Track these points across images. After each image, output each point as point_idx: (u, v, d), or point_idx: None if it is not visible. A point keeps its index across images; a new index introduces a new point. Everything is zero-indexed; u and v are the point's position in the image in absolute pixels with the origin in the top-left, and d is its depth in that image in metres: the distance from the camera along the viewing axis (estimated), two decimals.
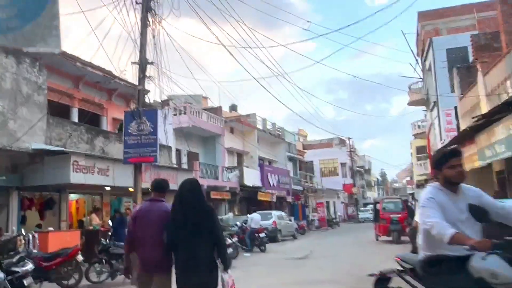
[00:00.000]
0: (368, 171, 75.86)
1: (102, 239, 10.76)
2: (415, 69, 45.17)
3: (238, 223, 19.82)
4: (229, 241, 12.53)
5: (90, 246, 12.38)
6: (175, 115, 23.07)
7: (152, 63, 10.59)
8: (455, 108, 25.00)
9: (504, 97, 13.09)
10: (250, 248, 17.15)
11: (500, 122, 11.35)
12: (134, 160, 10.06)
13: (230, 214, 20.09)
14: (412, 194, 44.35)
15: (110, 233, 11.77)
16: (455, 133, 25.59)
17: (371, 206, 57.66)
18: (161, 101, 24.79)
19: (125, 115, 10.55)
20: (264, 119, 32.02)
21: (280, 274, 10.57)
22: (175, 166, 18.81)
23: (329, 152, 56.91)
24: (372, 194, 76.00)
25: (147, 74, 10.48)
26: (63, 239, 12.65)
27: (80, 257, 10.07)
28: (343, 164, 56.94)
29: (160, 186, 4.66)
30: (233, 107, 36.44)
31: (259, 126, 30.89)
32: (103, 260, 10.30)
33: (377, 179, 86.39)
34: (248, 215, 20.97)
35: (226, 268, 4.16)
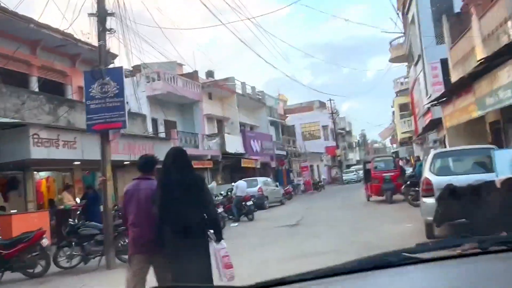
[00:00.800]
0: (349, 133, 75.50)
1: (70, 219, 9.47)
2: (396, 24, 44.01)
3: (223, 192, 18.74)
4: None
5: (61, 227, 11.14)
6: (148, 82, 21.46)
7: (112, 14, 9.06)
8: (441, 60, 24.06)
9: (505, 40, 12.03)
10: (237, 218, 16.11)
11: (506, 65, 10.28)
12: (99, 127, 8.66)
13: (214, 184, 18.93)
14: (396, 152, 44.04)
15: (78, 212, 10.50)
16: (441, 87, 24.74)
17: (355, 167, 57.65)
18: (132, 67, 23.11)
19: (84, 76, 9.05)
20: (243, 83, 30.50)
21: (273, 245, 9.53)
22: (151, 135, 17.42)
23: (310, 115, 55.98)
24: (354, 156, 75.96)
25: (108, 27, 8.96)
26: (30, 222, 11.28)
27: (45, 241, 8.80)
28: (324, 127, 56.19)
29: (146, 165, 4.46)
30: (210, 73, 34.71)
31: (238, 90, 29.44)
32: (73, 243, 9.05)
33: (358, 140, 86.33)
34: (232, 183, 19.88)
35: (218, 239, 3.96)
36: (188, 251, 3.81)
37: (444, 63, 23.77)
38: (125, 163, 16.12)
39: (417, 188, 14.07)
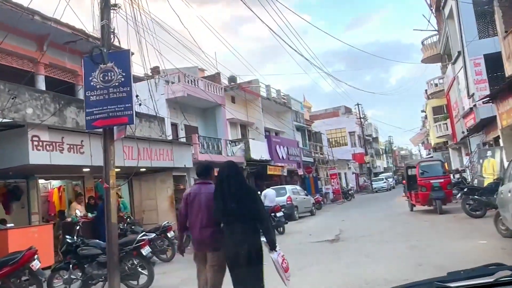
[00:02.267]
0: (375, 140, 72.84)
1: (67, 236, 7.82)
2: (429, 21, 41.60)
3: None
4: None
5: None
6: (167, 84, 19.95)
7: None
8: (485, 56, 21.93)
9: None
10: None
11: None
12: (101, 123, 7.03)
13: None
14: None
15: (77, 227, 8.87)
16: (486, 85, 22.53)
17: (385, 175, 54.97)
18: (150, 68, 21.71)
19: (84, 62, 7.45)
20: (268, 85, 28.75)
21: (316, 268, 7.65)
22: (169, 139, 15.81)
23: (336, 121, 53.90)
24: (381, 163, 73.23)
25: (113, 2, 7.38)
26: (30, 237, 9.77)
27: (36, 263, 7.16)
28: (351, 133, 53.99)
29: (205, 171, 4.94)
30: (232, 79, 33.09)
31: (263, 94, 27.72)
32: (71, 265, 7.40)
33: (385, 147, 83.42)
34: (258, 192, 18.07)
35: (272, 248, 4.18)
36: (243, 256, 4.06)
37: (488, 58, 21.62)
38: (142, 170, 14.57)
39: (476, 196, 12.04)
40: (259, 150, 24.16)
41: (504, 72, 22.80)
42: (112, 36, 7.51)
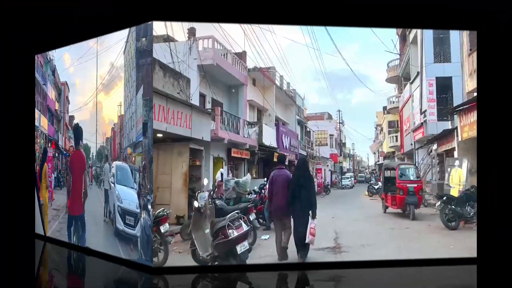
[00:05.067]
0: (344, 144, 70.71)
1: None
2: (395, 46, 38.95)
3: (256, 188, 12.62)
4: (244, 227, 5.89)
5: None
6: (201, 49, 16.20)
7: None
8: (437, 78, 20.46)
9: None
10: (268, 224, 9.77)
11: None
12: None
13: (248, 176, 13.10)
14: (381, 164, 39.37)
15: None
16: (434, 103, 21.33)
17: (350, 174, 52.75)
18: (187, 29, 18.04)
19: None
20: (281, 76, 25.20)
21: None
22: (191, 103, 12.12)
23: (321, 124, 51.22)
24: (346, 164, 71.27)
25: None
26: None
27: None
28: (331, 136, 51.40)
29: (282, 160, 6.67)
30: (254, 68, 29.14)
31: (277, 82, 24.29)
32: None
33: (349, 151, 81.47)
34: (265, 178, 14.36)
35: (313, 216, 5.65)
36: (304, 212, 5.66)
37: (438, 81, 20.11)
38: (158, 135, 9.99)
39: (452, 206, 9.34)
40: (269, 137, 20.81)
41: (447, 95, 20.96)
42: None
